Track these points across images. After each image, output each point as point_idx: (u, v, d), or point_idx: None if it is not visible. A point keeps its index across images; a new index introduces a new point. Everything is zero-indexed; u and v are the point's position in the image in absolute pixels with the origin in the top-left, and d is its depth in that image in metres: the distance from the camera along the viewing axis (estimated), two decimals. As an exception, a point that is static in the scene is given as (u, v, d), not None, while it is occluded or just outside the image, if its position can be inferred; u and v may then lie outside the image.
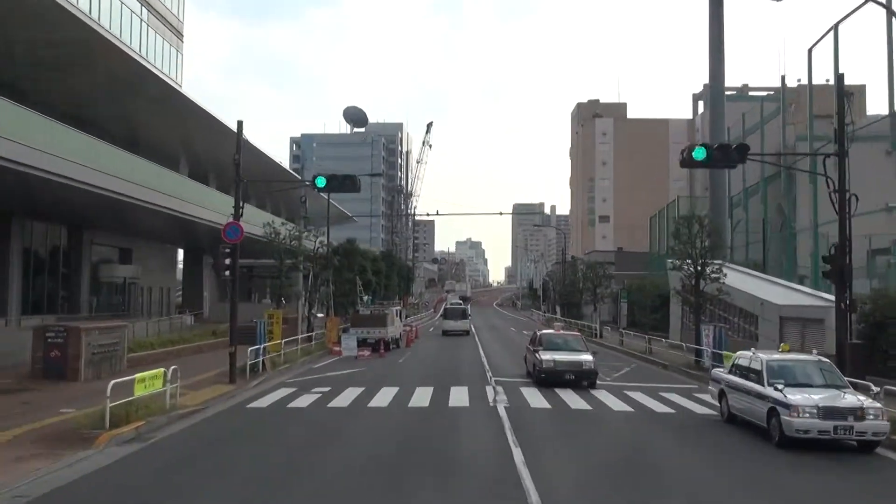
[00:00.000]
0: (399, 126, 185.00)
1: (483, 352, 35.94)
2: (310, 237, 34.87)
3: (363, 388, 21.27)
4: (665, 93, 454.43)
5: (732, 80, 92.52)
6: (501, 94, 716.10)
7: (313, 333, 34.31)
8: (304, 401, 18.97)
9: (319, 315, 43.38)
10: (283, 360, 27.50)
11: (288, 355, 28.69)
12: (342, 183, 22.13)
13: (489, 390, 21.00)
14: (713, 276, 27.13)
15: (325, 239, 36.05)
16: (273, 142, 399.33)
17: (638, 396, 20.48)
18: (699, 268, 27.34)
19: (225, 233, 21.62)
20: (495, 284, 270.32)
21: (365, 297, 40.07)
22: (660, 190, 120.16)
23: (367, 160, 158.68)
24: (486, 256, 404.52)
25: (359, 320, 36.21)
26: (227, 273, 21.53)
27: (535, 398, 19.58)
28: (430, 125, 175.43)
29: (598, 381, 23.22)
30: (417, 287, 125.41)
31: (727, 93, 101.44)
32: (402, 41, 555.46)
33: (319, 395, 20.06)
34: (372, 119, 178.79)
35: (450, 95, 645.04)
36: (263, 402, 18.93)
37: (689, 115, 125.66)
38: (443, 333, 51.52)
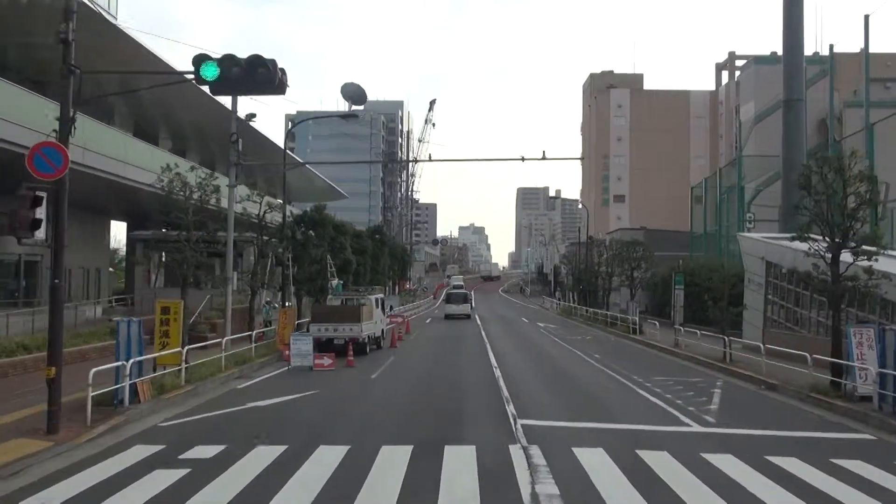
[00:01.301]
0: (399, 104, 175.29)
1: (495, 358, 25.98)
2: (255, 197, 24.94)
3: (283, 450, 11.41)
4: (684, 65, 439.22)
5: (759, 47, 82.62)
6: (505, 76, 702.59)
7: (254, 333, 24.37)
8: (128, 499, 9.06)
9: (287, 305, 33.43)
10: (188, 378, 17.61)
11: (201, 369, 18.81)
12: (250, 73, 12.12)
13: (517, 456, 11.04)
14: (865, 250, 17.09)
15: (275, 200, 26.11)
16: (269, 123, 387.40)
17: (805, 474, 10.47)
18: (840, 239, 17.30)
19: (32, 161, 11.71)
20: (500, 269, 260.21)
21: (334, 282, 30.18)
22: (680, 167, 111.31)
23: (365, 139, 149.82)
24: (489, 242, 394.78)
25: (323, 314, 26.37)
26: (34, 234, 11.66)
27: (611, 482, 9.62)
28: (433, 102, 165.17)
29: (689, 428, 13.65)
30: (416, 271, 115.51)
31: (745, 59, 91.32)
32: (403, 23, 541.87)
33: (186, 471, 10.16)
34: (371, 98, 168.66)
35: (452, 78, 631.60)
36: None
37: (712, 87, 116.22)
38: (445, 317, 53.72)
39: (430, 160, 39.27)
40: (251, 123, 22.45)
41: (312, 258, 31.25)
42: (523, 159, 25.47)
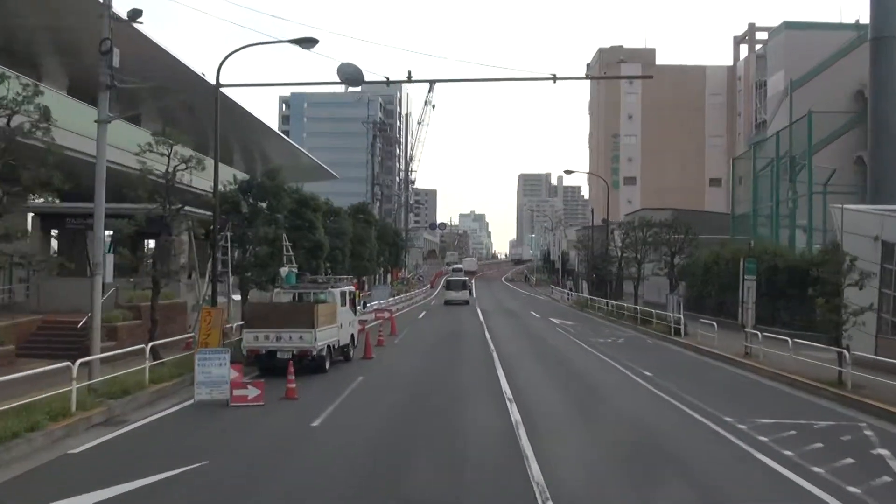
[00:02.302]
0: (398, 86, 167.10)
1: (506, 378, 18.20)
2: (161, 147, 17.11)
3: None
4: (698, 40, 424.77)
5: (782, 18, 75.41)
6: (509, 57, 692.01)
7: (149, 346, 16.52)
8: None
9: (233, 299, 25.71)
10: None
11: (15, 417, 11.08)
12: None
13: None
14: None
15: (197, 155, 18.33)
16: (263, 104, 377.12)
17: None
18: None
19: None
20: (501, 257, 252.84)
21: (283, 270, 22.29)
22: (695, 147, 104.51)
23: (364, 127, 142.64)
24: (489, 229, 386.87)
25: (260, 316, 18.56)
26: None
27: None
28: (433, 83, 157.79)
29: None
30: (413, 258, 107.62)
31: (767, 30, 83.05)
32: (402, 4, 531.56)
33: None
34: (369, 79, 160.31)
35: (452, 59, 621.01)
36: None
37: (729, 62, 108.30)
38: (445, 303, 54.94)
39: (424, 80, 32.05)
40: (137, 26, 14.61)
41: (262, 238, 23.56)
42: (555, 79, 17.70)
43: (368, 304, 39.47)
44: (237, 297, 24.18)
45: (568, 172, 57.04)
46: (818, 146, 42.79)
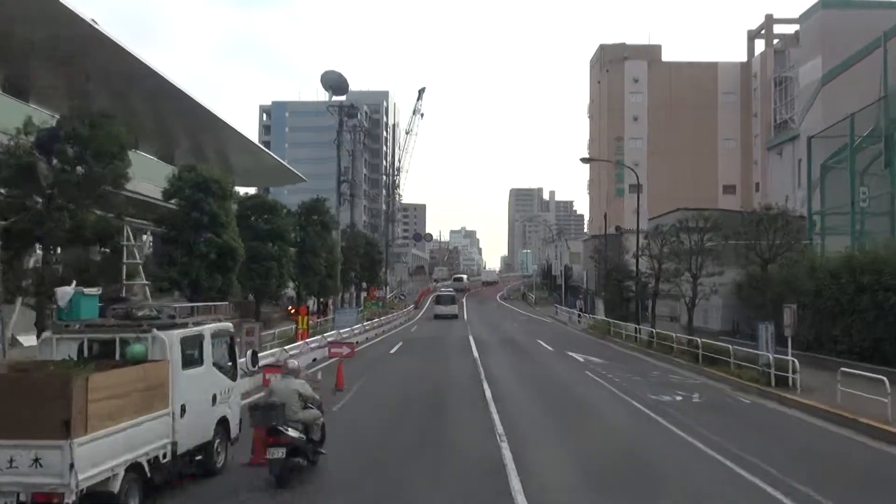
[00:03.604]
0: (385, 94, 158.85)
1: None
2: None
3: None
4: (704, 38, 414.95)
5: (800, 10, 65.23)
6: (502, 60, 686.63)
7: None
8: None
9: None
10: None
11: None
12: None
13: None
14: None
15: None
16: (245, 115, 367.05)
17: None
18: None
19: None
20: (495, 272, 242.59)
21: (65, 291, 11.24)
22: (706, 151, 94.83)
23: (346, 132, 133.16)
24: (480, 245, 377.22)
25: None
26: None
27: None
28: (421, 91, 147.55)
29: None
30: (398, 274, 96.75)
31: (785, 23, 73.44)
32: (390, 9, 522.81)
33: None
34: (355, 88, 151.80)
35: (442, 72, 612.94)
36: None
37: (743, 58, 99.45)
38: (434, 317, 56.91)
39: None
40: None
41: (75, 230, 12.76)
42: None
43: (341, 331, 28.73)
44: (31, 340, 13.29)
45: (585, 161, 47.04)
46: (877, 140, 33.06)
